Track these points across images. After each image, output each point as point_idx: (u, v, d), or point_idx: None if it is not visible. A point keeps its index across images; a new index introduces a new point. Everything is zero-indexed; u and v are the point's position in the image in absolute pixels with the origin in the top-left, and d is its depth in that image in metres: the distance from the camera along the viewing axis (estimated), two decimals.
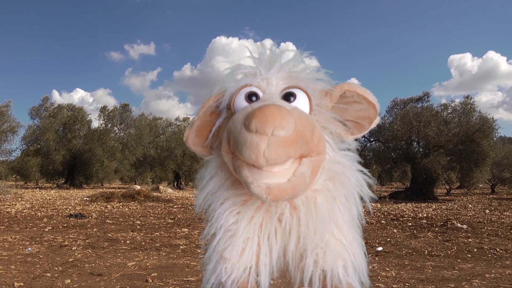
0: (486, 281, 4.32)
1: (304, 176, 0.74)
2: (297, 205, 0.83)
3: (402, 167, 20.62)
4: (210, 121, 0.92)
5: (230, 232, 0.85)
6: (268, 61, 0.90)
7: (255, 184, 0.71)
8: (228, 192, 0.86)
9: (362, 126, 0.90)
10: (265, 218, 0.85)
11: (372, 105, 0.89)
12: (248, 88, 0.85)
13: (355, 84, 0.90)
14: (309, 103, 0.83)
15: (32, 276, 4.36)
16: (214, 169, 0.88)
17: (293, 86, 0.84)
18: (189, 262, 5.16)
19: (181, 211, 11.68)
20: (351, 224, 0.87)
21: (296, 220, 0.83)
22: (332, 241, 0.84)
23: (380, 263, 5.17)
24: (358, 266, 0.86)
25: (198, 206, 0.91)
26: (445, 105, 19.22)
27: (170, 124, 30.31)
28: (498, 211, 12.12)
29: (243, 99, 0.84)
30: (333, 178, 0.85)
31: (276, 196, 0.72)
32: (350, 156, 0.91)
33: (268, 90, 0.85)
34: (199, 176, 0.93)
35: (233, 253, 0.84)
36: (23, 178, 28.40)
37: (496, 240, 7.04)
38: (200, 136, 0.92)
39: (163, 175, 28.68)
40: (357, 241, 0.87)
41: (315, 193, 0.83)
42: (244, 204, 0.85)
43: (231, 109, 0.85)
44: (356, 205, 0.88)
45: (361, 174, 0.90)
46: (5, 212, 10.55)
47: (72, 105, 28.18)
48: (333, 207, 0.84)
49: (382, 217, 10.28)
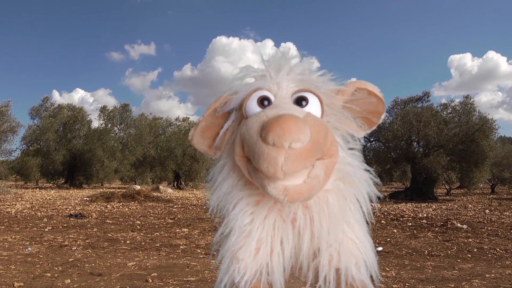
0: (486, 281, 4.32)
1: (318, 178, 0.75)
2: (310, 205, 0.84)
3: (402, 167, 20.61)
4: (216, 122, 0.93)
5: (244, 233, 0.86)
6: (278, 64, 0.91)
7: (272, 186, 0.73)
8: (242, 192, 0.87)
9: (372, 121, 0.95)
10: (278, 218, 0.86)
11: (381, 100, 0.93)
12: (259, 92, 0.86)
13: (365, 82, 0.93)
14: (320, 107, 0.84)
15: (32, 276, 4.36)
16: (226, 170, 0.89)
17: (304, 90, 0.86)
18: (189, 262, 5.15)
19: (181, 211, 11.68)
20: (362, 222, 0.90)
21: (309, 219, 0.85)
22: (345, 240, 0.86)
23: (380, 263, 5.16)
24: (370, 263, 0.89)
25: (211, 208, 0.92)
26: (445, 105, 19.23)
27: (170, 124, 30.30)
28: (498, 211, 12.11)
29: (255, 103, 0.84)
30: (344, 178, 0.87)
31: (293, 197, 0.73)
32: (357, 156, 0.93)
33: (279, 94, 0.86)
34: (210, 176, 0.94)
35: (246, 253, 0.85)
36: (23, 178, 28.39)
37: (496, 240, 7.04)
38: (205, 136, 0.93)
39: (163, 175, 28.66)
40: (367, 239, 0.90)
41: (326, 193, 0.85)
42: (258, 204, 0.86)
43: (242, 113, 0.85)
44: (365, 204, 0.90)
45: (368, 174, 0.92)
46: (5, 212, 10.55)
47: (72, 105, 28.21)
48: (345, 207, 0.86)
49: (382, 217, 10.28)
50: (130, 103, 28.53)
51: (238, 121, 0.88)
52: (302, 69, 0.92)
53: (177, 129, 29.32)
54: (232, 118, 0.90)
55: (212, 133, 0.93)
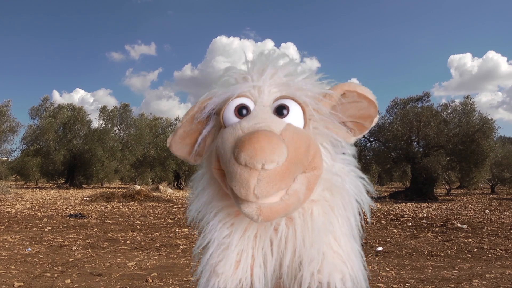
0: (486, 281, 4.32)
1: (298, 194, 0.71)
2: (293, 217, 0.80)
3: (402, 167, 20.60)
4: (194, 129, 0.89)
5: (223, 246, 0.82)
6: (262, 65, 0.86)
7: (246, 205, 0.69)
8: (222, 202, 0.83)
9: (363, 126, 0.88)
10: (260, 229, 0.82)
11: (373, 103, 0.87)
12: (238, 100, 0.81)
13: (354, 84, 0.88)
14: (303, 116, 0.80)
15: (32, 276, 4.36)
16: (206, 180, 0.86)
17: (286, 97, 0.81)
18: (189, 262, 5.15)
19: (181, 211, 11.68)
20: (349, 234, 0.84)
21: (292, 232, 0.80)
22: (330, 254, 0.81)
23: (380, 263, 5.17)
24: (356, 279, 0.82)
25: (191, 218, 0.88)
26: (445, 105, 19.25)
27: (170, 124, 30.27)
28: (498, 211, 12.11)
29: (232, 113, 0.80)
30: (331, 188, 0.82)
31: (268, 216, 0.69)
32: (348, 161, 0.88)
33: (260, 100, 0.81)
34: (192, 185, 0.90)
35: (226, 267, 0.81)
36: (23, 178, 28.39)
37: (496, 240, 7.04)
38: (184, 143, 0.89)
39: (163, 175, 28.67)
40: (355, 253, 0.84)
41: (311, 203, 0.81)
42: (238, 215, 0.82)
43: (220, 119, 0.81)
44: (354, 214, 0.85)
45: (359, 180, 0.87)
46: (5, 212, 10.55)
47: (72, 105, 28.21)
48: (331, 218, 0.81)
49: (382, 217, 10.28)
50: (130, 103, 28.66)
51: (217, 127, 0.84)
52: (288, 71, 0.86)
53: None
54: (211, 124, 0.86)
55: (191, 140, 0.89)
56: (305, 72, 0.89)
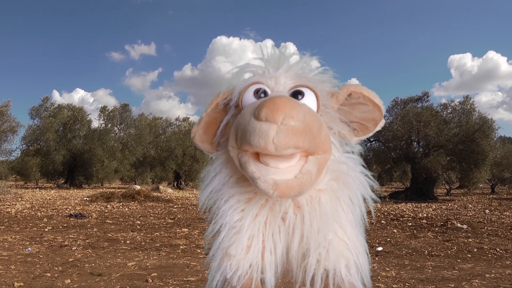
0: (486, 281, 4.32)
1: (311, 173, 0.74)
2: (301, 204, 0.83)
3: (402, 167, 20.61)
4: (218, 118, 0.92)
5: (235, 229, 0.84)
6: (277, 61, 0.90)
7: (262, 180, 0.71)
8: (233, 189, 0.86)
9: (367, 128, 0.91)
10: (269, 216, 0.85)
11: (378, 107, 0.89)
12: (256, 85, 0.85)
13: (361, 86, 0.89)
14: (316, 102, 0.83)
15: (32, 276, 4.36)
16: (219, 165, 0.88)
17: (302, 85, 0.84)
18: (189, 262, 5.15)
19: (181, 211, 11.68)
20: (354, 224, 0.87)
21: (300, 219, 0.83)
22: (335, 241, 0.84)
23: (380, 263, 5.17)
24: (361, 266, 0.85)
25: (201, 204, 0.91)
26: (445, 105, 19.23)
27: (170, 124, 30.30)
28: (498, 211, 12.12)
29: (251, 95, 0.83)
30: (338, 178, 0.85)
31: (283, 192, 0.71)
32: (354, 159, 0.91)
33: (276, 89, 0.85)
34: (205, 173, 0.92)
35: (238, 249, 0.84)
36: (23, 178, 28.38)
37: (496, 240, 7.04)
38: (208, 132, 0.92)
39: (163, 175, 28.67)
40: (360, 241, 0.87)
41: (319, 192, 0.83)
42: (249, 202, 0.84)
43: (239, 106, 0.85)
44: (359, 206, 0.88)
45: (364, 177, 0.90)
46: (5, 212, 10.55)
47: (72, 105, 28.17)
48: (337, 207, 0.84)
49: (382, 217, 10.28)
50: (130, 103, 28.65)
51: (236, 116, 0.87)
52: (300, 67, 0.90)
53: (177, 129, 29.32)
54: (231, 112, 0.89)
55: (214, 129, 0.92)
56: (315, 70, 0.93)
